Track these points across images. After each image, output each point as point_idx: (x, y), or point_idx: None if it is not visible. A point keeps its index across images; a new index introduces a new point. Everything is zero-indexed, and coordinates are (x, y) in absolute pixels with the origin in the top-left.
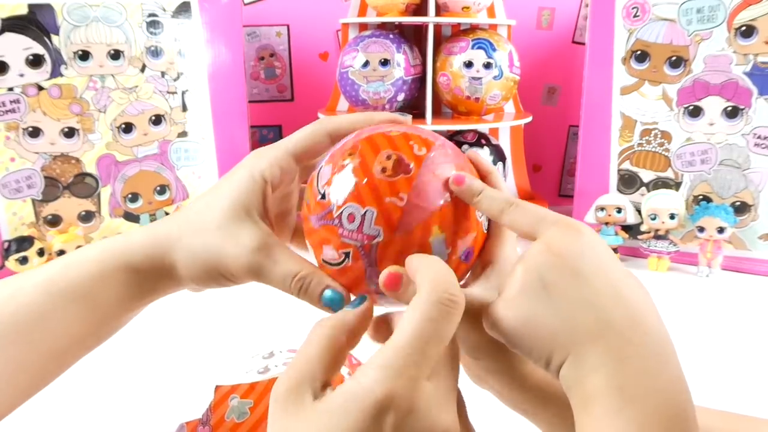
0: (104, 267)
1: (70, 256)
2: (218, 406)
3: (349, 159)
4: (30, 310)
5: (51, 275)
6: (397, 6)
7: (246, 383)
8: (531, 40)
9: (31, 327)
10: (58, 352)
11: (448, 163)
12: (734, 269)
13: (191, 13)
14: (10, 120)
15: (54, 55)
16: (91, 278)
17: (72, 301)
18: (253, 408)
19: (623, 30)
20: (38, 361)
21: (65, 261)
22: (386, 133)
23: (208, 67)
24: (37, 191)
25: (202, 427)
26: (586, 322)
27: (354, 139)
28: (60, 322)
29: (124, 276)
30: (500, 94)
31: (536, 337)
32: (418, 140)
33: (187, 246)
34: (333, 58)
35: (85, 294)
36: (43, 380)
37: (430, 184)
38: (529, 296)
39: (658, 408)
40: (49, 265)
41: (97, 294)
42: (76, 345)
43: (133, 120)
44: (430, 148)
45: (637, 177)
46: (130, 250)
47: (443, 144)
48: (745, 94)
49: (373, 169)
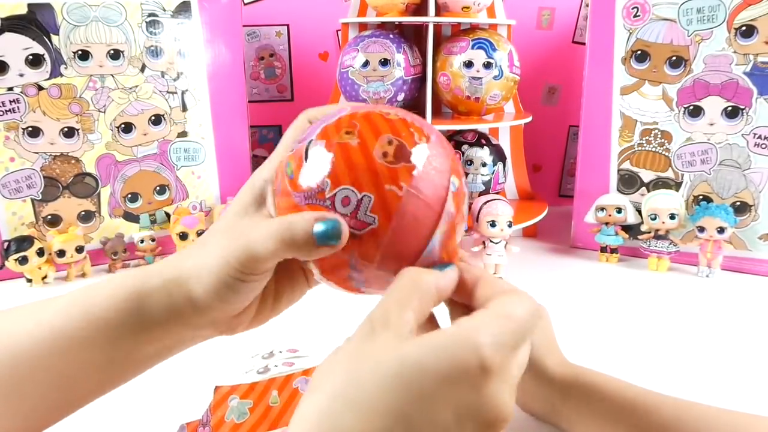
0: (121, 286)
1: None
2: (218, 406)
3: (348, 137)
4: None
5: (72, 298)
6: (397, 6)
7: (246, 383)
8: (531, 40)
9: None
10: (70, 383)
11: (445, 158)
12: (734, 269)
13: (191, 12)
14: (10, 120)
15: (54, 55)
16: (104, 298)
17: (86, 322)
18: (253, 408)
19: (623, 30)
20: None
21: (86, 288)
22: (384, 114)
23: (208, 67)
24: (36, 191)
25: (202, 428)
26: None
27: (349, 115)
28: (75, 347)
29: (136, 302)
30: (500, 94)
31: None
32: (418, 130)
33: (197, 254)
34: (333, 58)
35: (98, 315)
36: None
37: (430, 177)
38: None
39: None
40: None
41: (112, 316)
42: (89, 379)
43: (132, 120)
44: (429, 140)
45: (637, 177)
46: (143, 273)
47: (438, 136)
48: (746, 94)
49: (374, 152)
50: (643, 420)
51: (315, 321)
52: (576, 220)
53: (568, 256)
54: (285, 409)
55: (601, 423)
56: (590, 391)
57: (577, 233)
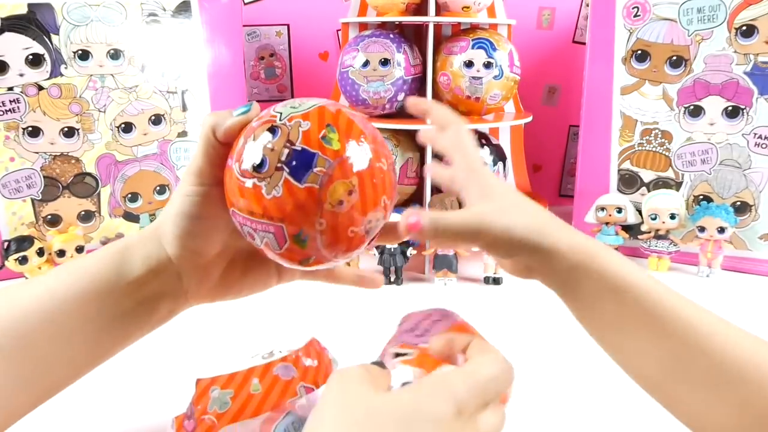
0: (106, 248)
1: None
2: (200, 398)
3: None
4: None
5: (69, 263)
6: (397, 6)
7: (225, 374)
8: (531, 40)
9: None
10: (68, 338)
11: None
12: (735, 269)
13: (191, 12)
14: (10, 120)
15: (54, 54)
16: (88, 257)
17: (73, 278)
18: (234, 397)
19: (624, 30)
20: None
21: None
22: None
23: (208, 66)
24: (36, 191)
25: (188, 420)
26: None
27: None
28: (64, 304)
29: (118, 255)
30: (500, 94)
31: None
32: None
33: (166, 210)
34: (333, 58)
35: (83, 270)
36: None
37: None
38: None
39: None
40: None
41: (94, 271)
42: (84, 329)
43: (132, 120)
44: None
45: (638, 177)
46: (126, 237)
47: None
48: (746, 94)
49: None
50: (674, 340)
51: (315, 321)
52: (576, 220)
53: None
54: (266, 395)
55: (618, 328)
56: (607, 287)
57: None
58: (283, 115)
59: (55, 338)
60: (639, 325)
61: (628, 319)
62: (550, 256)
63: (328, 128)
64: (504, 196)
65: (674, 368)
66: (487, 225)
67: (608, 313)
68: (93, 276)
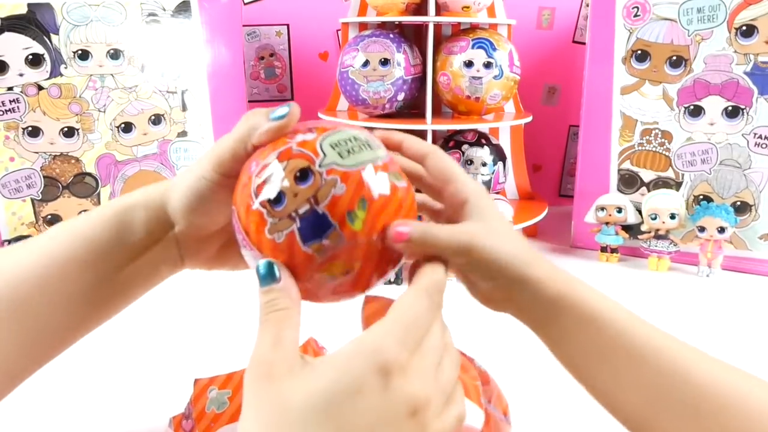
0: (103, 207)
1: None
2: (198, 398)
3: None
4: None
5: (62, 224)
6: (397, 6)
7: (223, 374)
8: (531, 39)
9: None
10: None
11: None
12: (735, 269)
13: (191, 12)
14: (10, 120)
15: (54, 54)
16: (86, 219)
17: (71, 241)
18: (232, 397)
19: (623, 30)
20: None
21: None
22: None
23: (208, 66)
24: (36, 191)
25: (186, 420)
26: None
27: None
28: (60, 265)
29: (118, 217)
30: (500, 94)
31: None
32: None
33: (177, 176)
34: (333, 58)
35: (82, 235)
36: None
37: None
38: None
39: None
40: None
41: (92, 234)
42: (81, 293)
43: (132, 120)
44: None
45: (638, 177)
46: (127, 195)
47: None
48: (746, 94)
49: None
50: (655, 370)
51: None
52: (576, 220)
53: (569, 256)
54: None
55: (598, 359)
56: (586, 317)
57: (578, 233)
58: (326, 160)
59: (51, 303)
60: (620, 355)
61: (609, 350)
62: (534, 287)
63: (360, 203)
64: (497, 219)
65: (655, 397)
66: (478, 243)
67: (588, 343)
68: (92, 240)
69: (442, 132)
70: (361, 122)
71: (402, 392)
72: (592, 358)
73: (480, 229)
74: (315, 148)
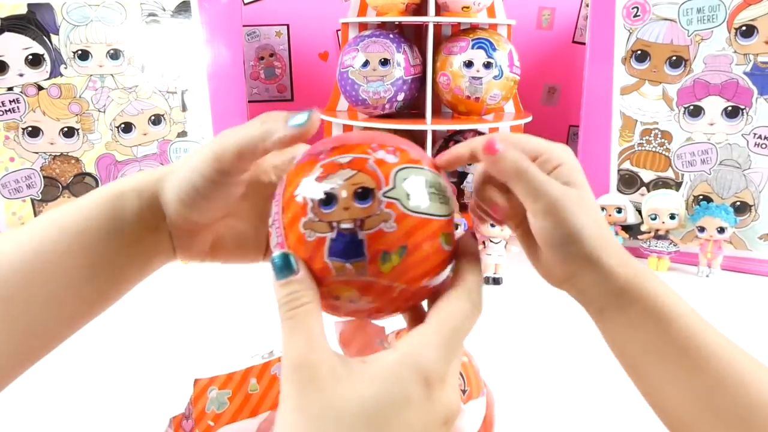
0: (93, 194)
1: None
2: (198, 398)
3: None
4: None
5: (47, 214)
6: (397, 6)
7: (223, 374)
8: (531, 40)
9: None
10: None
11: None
12: (734, 269)
13: (191, 12)
14: (10, 120)
15: (54, 54)
16: (76, 206)
17: (59, 231)
18: (232, 397)
19: (623, 30)
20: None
21: (66, 204)
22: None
23: (208, 66)
24: (36, 191)
25: (186, 420)
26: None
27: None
28: (54, 256)
29: (109, 205)
30: (500, 94)
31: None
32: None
33: (174, 165)
34: (333, 58)
35: (73, 223)
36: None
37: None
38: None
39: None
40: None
41: (84, 225)
42: (73, 285)
43: (132, 120)
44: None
45: (638, 177)
46: (119, 180)
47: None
48: (746, 94)
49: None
50: (714, 377)
51: None
52: None
53: None
54: (264, 395)
55: (657, 357)
56: (653, 313)
57: None
58: (392, 193)
59: (40, 298)
60: (681, 357)
61: (671, 349)
62: (604, 271)
63: (400, 249)
64: (588, 191)
65: (707, 405)
66: (567, 204)
67: (650, 340)
68: (83, 231)
69: (442, 132)
70: (361, 122)
71: (441, 404)
72: (650, 356)
73: (573, 193)
74: (389, 175)
